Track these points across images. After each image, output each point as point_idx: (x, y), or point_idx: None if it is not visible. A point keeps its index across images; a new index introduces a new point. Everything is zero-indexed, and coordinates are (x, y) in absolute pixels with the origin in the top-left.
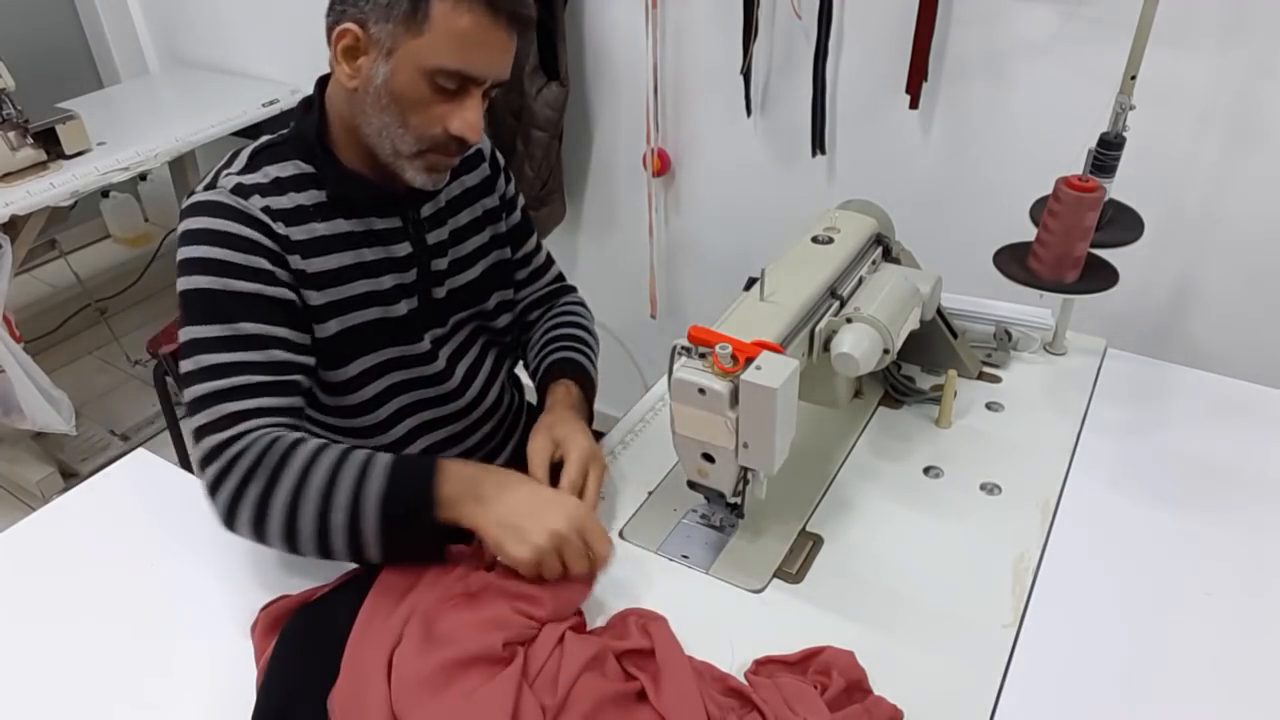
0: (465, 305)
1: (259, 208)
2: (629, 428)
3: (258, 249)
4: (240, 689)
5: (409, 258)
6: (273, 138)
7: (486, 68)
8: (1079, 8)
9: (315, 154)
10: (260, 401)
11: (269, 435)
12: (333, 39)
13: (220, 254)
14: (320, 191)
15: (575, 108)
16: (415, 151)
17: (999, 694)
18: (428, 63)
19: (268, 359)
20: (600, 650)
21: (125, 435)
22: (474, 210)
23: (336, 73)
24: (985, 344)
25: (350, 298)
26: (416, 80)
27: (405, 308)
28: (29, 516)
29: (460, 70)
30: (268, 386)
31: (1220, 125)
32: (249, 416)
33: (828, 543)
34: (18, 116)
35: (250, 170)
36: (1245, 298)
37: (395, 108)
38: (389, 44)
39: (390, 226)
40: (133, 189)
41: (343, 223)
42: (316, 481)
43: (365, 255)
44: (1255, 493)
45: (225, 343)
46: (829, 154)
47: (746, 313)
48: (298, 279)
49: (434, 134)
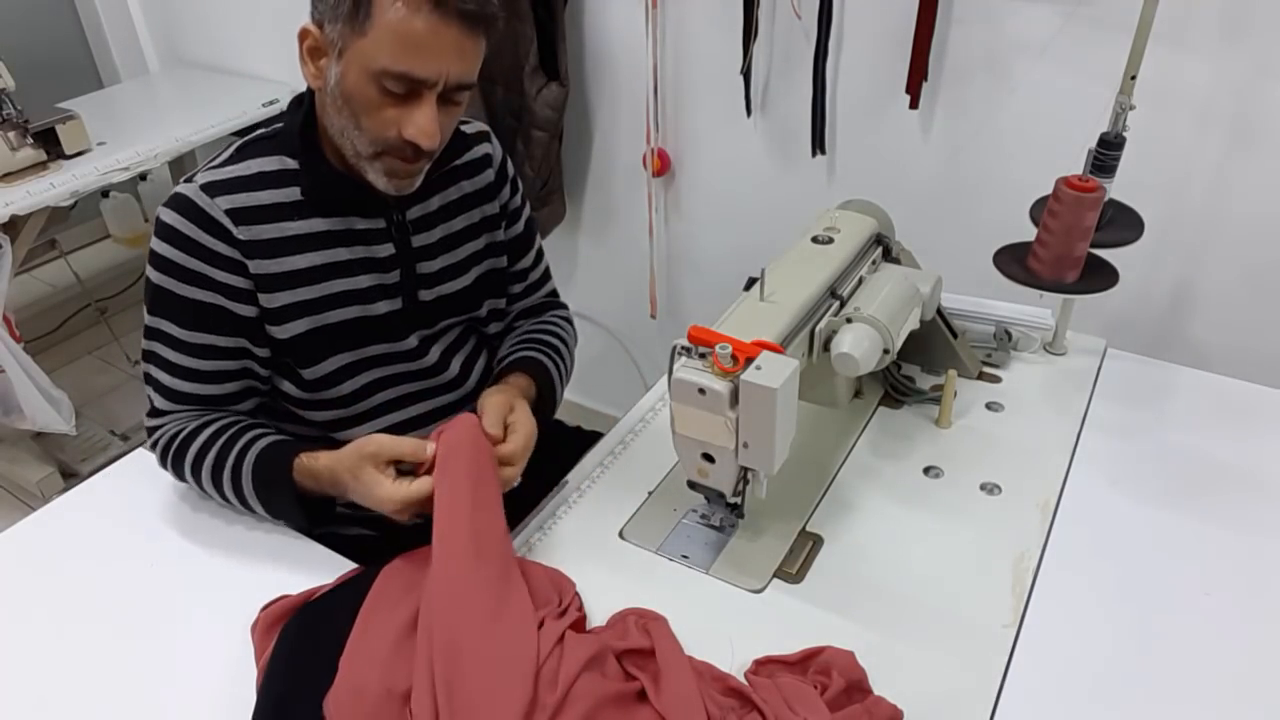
0: (456, 311)
1: (223, 209)
2: (629, 428)
3: (215, 259)
4: (241, 688)
5: (391, 259)
6: (265, 131)
7: (434, 70)
8: (1079, 8)
9: (298, 151)
10: (184, 406)
11: (177, 426)
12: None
13: (180, 258)
14: (299, 188)
15: (575, 108)
16: (373, 154)
17: (999, 694)
18: (372, 65)
19: (200, 367)
20: (600, 650)
21: (125, 435)
22: (471, 216)
23: (303, 73)
24: (985, 344)
25: (323, 297)
26: (364, 82)
27: (386, 308)
28: (29, 516)
29: (405, 73)
30: (192, 396)
31: (1220, 125)
32: (169, 411)
33: (828, 543)
34: (18, 116)
35: (233, 162)
36: (1245, 298)
37: (348, 109)
38: (340, 44)
39: (373, 227)
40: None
41: (319, 221)
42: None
43: (340, 255)
44: (1255, 493)
45: (172, 342)
46: (829, 154)
47: (746, 313)
48: (256, 284)
49: (388, 137)
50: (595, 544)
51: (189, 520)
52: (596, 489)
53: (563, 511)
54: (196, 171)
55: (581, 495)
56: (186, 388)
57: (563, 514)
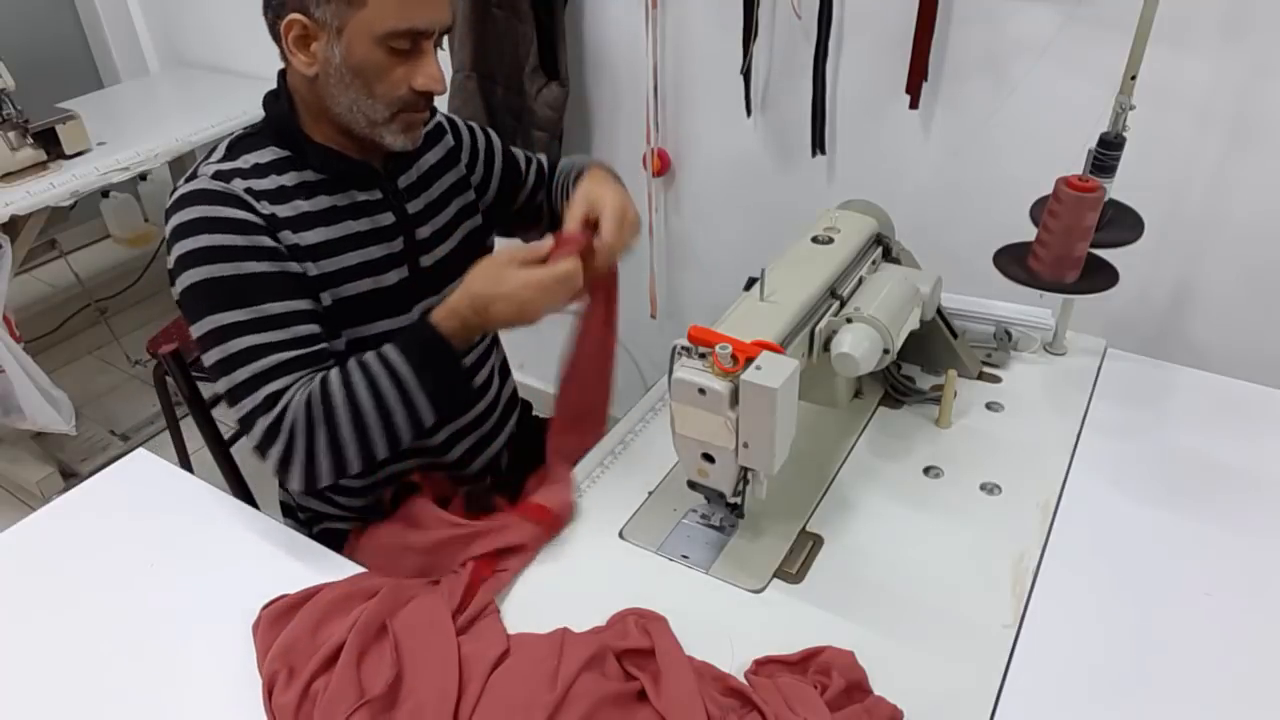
0: (453, 274)
1: (241, 189)
2: (629, 428)
3: (254, 228)
4: (242, 688)
5: (393, 227)
6: (248, 128)
7: (432, 18)
8: (1079, 8)
9: (291, 137)
10: (295, 375)
11: (304, 393)
12: (281, 33)
13: (222, 240)
14: (299, 173)
15: (575, 108)
16: (388, 116)
17: (999, 694)
18: (378, 29)
19: (293, 335)
20: (600, 650)
21: (125, 435)
22: (442, 184)
23: (294, 64)
24: (985, 344)
25: (344, 269)
26: (371, 49)
27: (395, 277)
28: (29, 516)
29: (410, 28)
30: (299, 360)
31: (1220, 125)
32: (287, 390)
33: (828, 543)
34: (18, 116)
35: (229, 159)
36: (1245, 298)
37: (359, 81)
38: (336, 23)
39: (371, 198)
40: (133, 189)
41: (325, 199)
42: (367, 406)
43: (353, 227)
44: (1255, 493)
45: (252, 325)
46: (829, 154)
47: (746, 313)
48: (293, 253)
49: (401, 95)
50: (595, 544)
51: (189, 520)
52: (596, 489)
53: None
54: (193, 173)
55: (581, 495)
56: (292, 355)
57: None
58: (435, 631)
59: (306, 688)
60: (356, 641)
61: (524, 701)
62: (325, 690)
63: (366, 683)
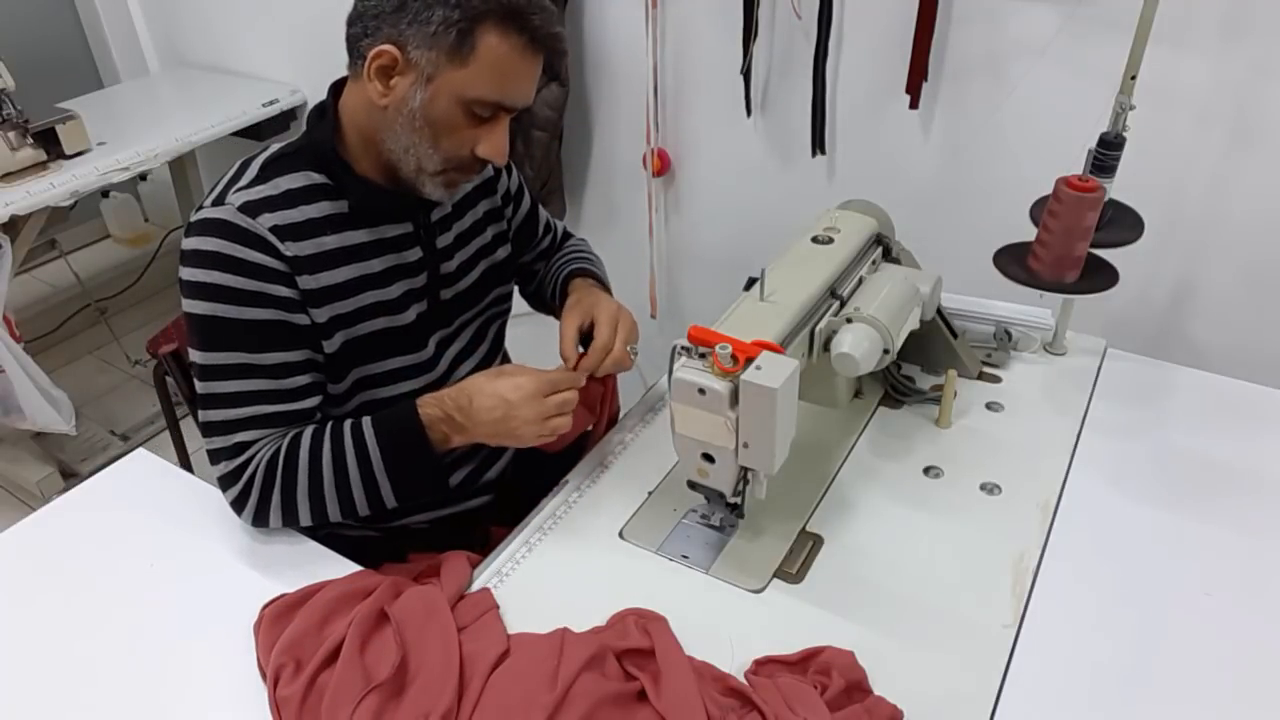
0: (469, 305)
1: (267, 226)
2: (629, 428)
3: (266, 274)
4: (243, 687)
5: (419, 263)
6: (284, 147)
7: (522, 97)
8: (1079, 8)
9: (331, 165)
10: (267, 431)
11: (272, 448)
12: (367, 56)
13: (230, 280)
14: (331, 203)
15: (575, 108)
16: (440, 169)
17: (999, 694)
18: (468, 94)
19: (279, 387)
20: (600, 650)
21: (125, 435)
22: (475, 212)
23: (368, 90)
24: (985, 344)
25: (357, 310)
26: (453, 106)
27: (415, 313)
28: (29, 516)
29: (499, 101)
30: (277, 416)
31: (1220, 125)
32: (255, 442)
33: (828, 543)
34: (18, 116)
35: (260, 182)
36: (1245, 298)
37: (428, 130)
38: (429, 70)
39: (402, 232)
40: (133, 189)
41: (353, 234)
42: (328, 477)
43: (374, 266)
44: (1255, 493)
45: (239, 371)
46: (829, 154)
47: (746, 313)
48: (305, 297)
49: (462, 155)
50: (595, 544)
51: (189, 520)
52: (596, 489)
53: (563, 511)
54: (221, 194)
55: (581, 495)
56: (272, 409)
57: (563, 514)
58: (433, 617)
59: (311, 681)
60: (358, 632)
61: (524, 701)
62: (332, 682)
63: (372, 669)
